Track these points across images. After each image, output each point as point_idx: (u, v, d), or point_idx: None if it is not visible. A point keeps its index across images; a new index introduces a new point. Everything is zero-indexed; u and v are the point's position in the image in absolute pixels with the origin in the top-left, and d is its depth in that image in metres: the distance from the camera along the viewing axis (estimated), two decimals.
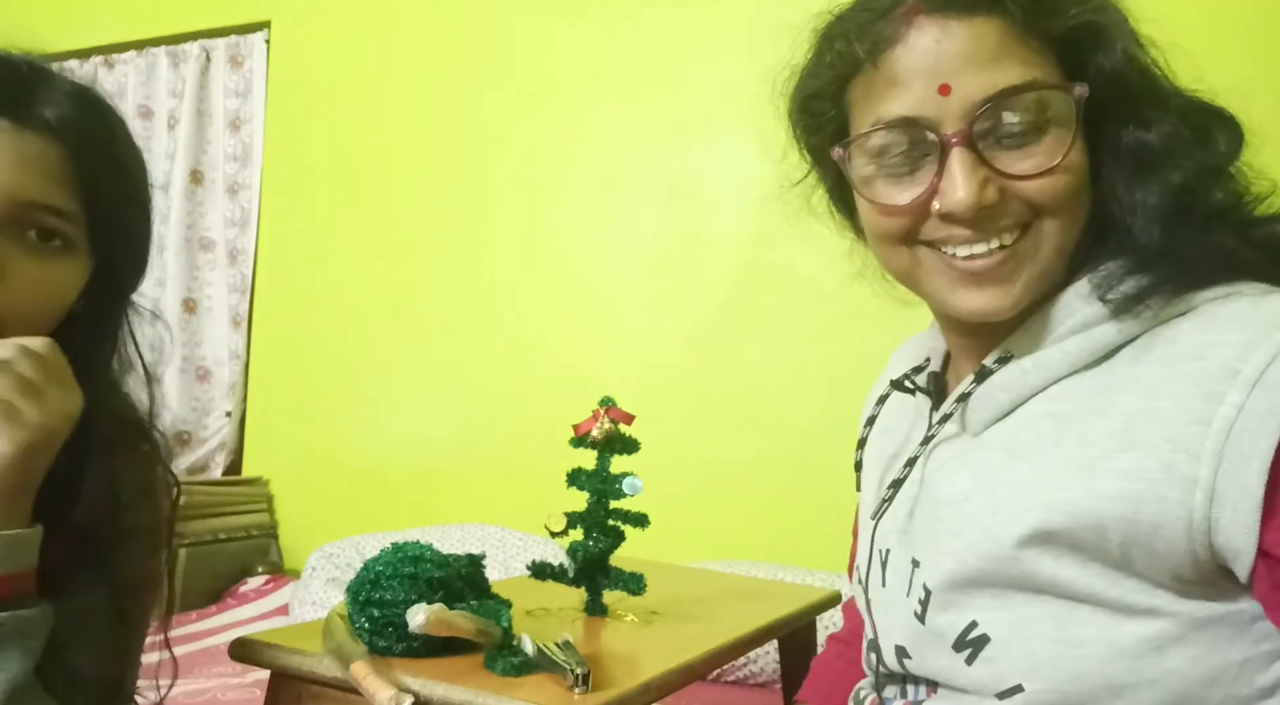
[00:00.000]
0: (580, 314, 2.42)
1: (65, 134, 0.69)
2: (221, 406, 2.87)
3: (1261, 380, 0.52)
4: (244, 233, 2.89)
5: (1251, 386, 0.52)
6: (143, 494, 0.78)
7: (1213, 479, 0.52)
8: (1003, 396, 0.63)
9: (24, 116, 0.68)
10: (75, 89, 0.72)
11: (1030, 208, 0.60)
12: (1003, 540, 0.59)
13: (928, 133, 0.60)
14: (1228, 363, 0.53)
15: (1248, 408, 0.52)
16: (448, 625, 0.74)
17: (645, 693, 0.76)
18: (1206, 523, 0.53)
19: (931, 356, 0.78)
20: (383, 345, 2.64)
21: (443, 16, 2.64)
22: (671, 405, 2.22)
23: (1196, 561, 0.54)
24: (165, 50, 3.00)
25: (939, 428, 0.68)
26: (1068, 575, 0.57)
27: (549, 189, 2.49)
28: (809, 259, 2.09)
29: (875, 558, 0.74)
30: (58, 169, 0.69)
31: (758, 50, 2.61)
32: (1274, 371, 0.52)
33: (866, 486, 0.82)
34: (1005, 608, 0.60)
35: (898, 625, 0.70)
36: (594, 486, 1.00)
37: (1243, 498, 0.51)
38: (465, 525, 2.34)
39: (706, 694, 1.76)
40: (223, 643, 1.96)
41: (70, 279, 0.71)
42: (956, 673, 0.63)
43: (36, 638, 0.63)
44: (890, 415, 0.81)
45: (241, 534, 2.59)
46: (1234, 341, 0.54)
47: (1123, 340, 0.59)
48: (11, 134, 0.67)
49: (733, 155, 2.30)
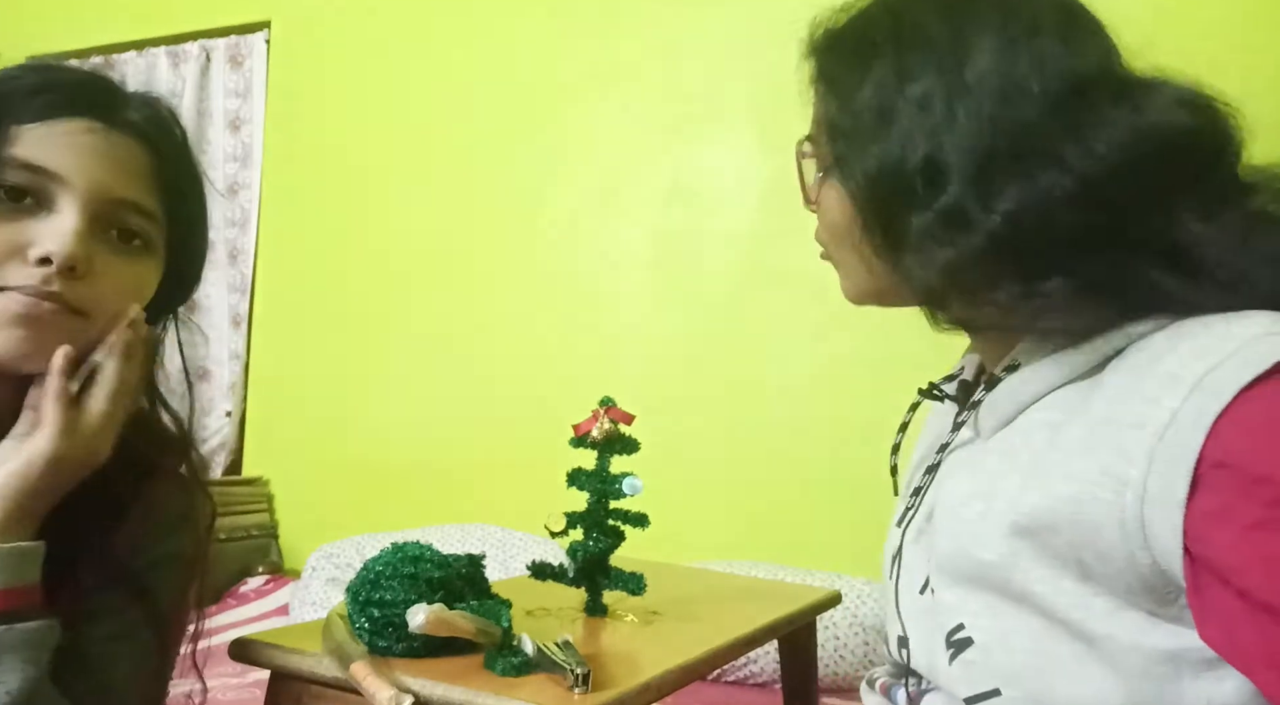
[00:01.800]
0: (580, 314, 2.42)
1: (150, 137, 0.72)
2: (221, 406, 2.87)
3: (1199, 385, 0.52)
4: (244, 233, 2.89)
5: (1189, 392, 0.52)
6: (182, 519, 0.77)
7: (1144, 480, 0.53)
8: (1006, 405, 0.65)
9: (113, 119, 0.70)
10: (152, 97, 0.76)
11: None
12: (988, 545, 0.61)
13: None
14: (1172, 369, 0.54)
15: (1182, 411, 0.52)
16: (448, 625, 0.74)
17: (645, 693, 0.76)
18: (1140, 523, 0.53)
19: (967, 365, 0.80)
20: (383, 345, 2.64)
21: (443, 16, 2.64)
22: (671, 405, 2.22)
23: (1138, 566, 0.54)
24: (165, 50, 3.00)
25: (954, 435, 0.71)
26: (1040, 589, 0.58)
27: (549, 189, 2.49)
28: (809, 259, 2.08)
29: (897, 558, 0.76)
30: (143, 170, 0.71)
31: (757, 50, 2.62)
32: (1211, 378, 0.52)
33: (901, 492, 0.83)
34: (992, 615, 0.61)
35: (903, 617, 0.72)
36: (594, 486, 0.99)
37: (1170, 497, 0.52)
38: (465, 525, 2.34)
39: (706, 694, 1.76)
40: (223, 643, 1.96)
41: (149, 279, 0.73)
42: (939, 670, 0.65)
43: (40, 650, 0.62)
44: (932, 420, 0.84)
45: (241, 534, 2.59)
46: (1184, 350, 0.55)
47: (1111, 351, 0.60)
48: (102, 134, 0.68)
49: (733, 155, 2.30)
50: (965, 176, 0.60)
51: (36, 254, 0.64)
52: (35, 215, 0.66)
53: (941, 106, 0.61)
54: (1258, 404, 0.51)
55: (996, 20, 0.62)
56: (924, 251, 0.62)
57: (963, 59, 0.61)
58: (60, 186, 0.66)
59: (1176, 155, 0.59)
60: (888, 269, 0.67)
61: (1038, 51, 0.61)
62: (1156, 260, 0.58)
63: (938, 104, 0.61)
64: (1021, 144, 0.59)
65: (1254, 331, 0.54)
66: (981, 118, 0.60)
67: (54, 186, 0.66)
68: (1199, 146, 0.60)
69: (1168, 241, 0.58)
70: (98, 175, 0.67)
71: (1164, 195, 0.58)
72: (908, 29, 0.64)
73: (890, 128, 0.62)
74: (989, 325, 0.68)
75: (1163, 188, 0.58)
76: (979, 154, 0.59)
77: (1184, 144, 0.59)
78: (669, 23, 2.38)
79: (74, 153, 0.67)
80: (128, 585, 0.71)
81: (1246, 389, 0.51)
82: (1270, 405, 0.51)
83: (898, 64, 0.63)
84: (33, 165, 0.65)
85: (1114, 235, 0.58)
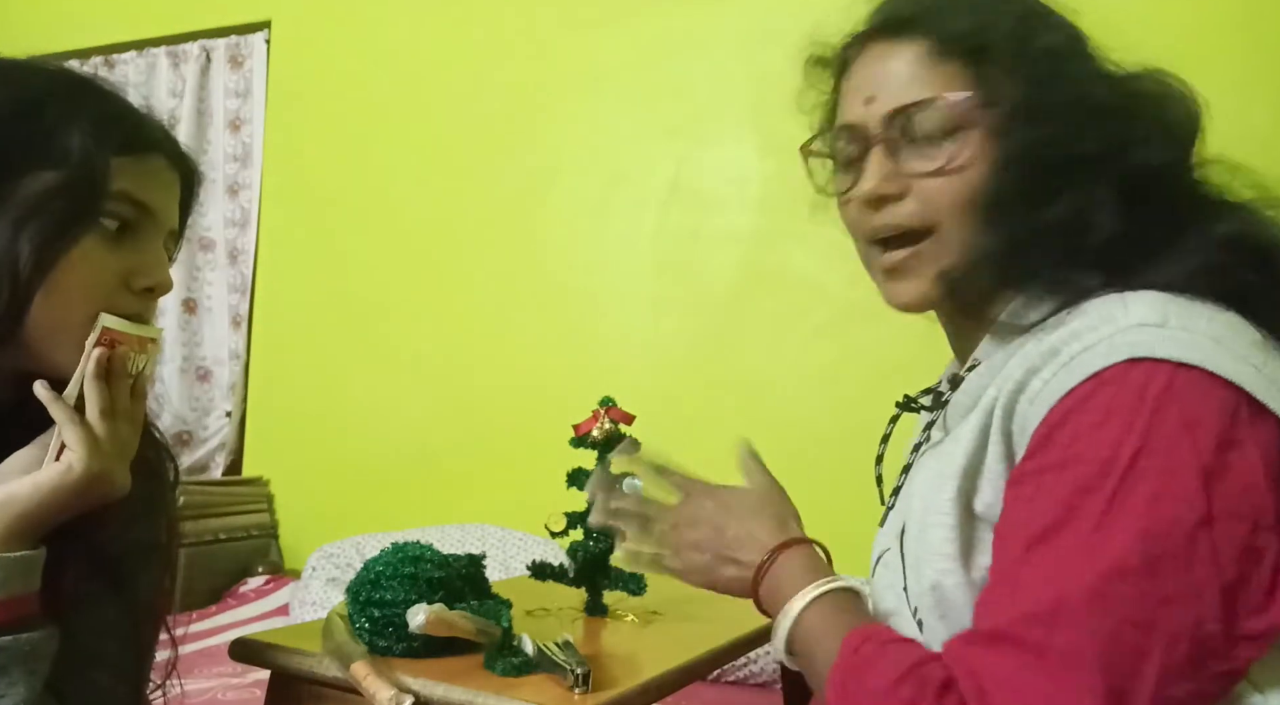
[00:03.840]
0: (580, 314, 2.42)
1: (184, 170, 0.75)
2: (221, 406, 2.87)
3: (1070, 364, 0.56)
4: (244, 233, 2.89)
5: (1061, 367, 0.57)
6: (153, 505, 0.77)
7: (1012, 441, 0.59)
8: (965, 400, 0.67)
9: (175, 156, 0.73)
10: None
11: (932, 207, 0.67)
12: (931, 517, 0.63)
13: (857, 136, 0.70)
14: (1054, 343, 0.58)
15: (1051, 382, 0.57)
16: (448, 625, 0.74)
17: (645, 693, 0.76)
18: (1006, 450, 0.60)
19: (945, 378, 0.82)
20: (383, 345, 2.64)
21: (442, 16, 2.64)
22: (671, 405, 2.22)
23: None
24: (165, 50, 3.00)
25: (925, 434, 0.74)
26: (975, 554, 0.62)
27: (549, 189, 2.49)
28: (809, 259, 2.09)
29: (880, 559, 0.77)
30: (178, 198, 0.75)
31: (757, 50, 2.62)
32: (1083, 358, 0.56)
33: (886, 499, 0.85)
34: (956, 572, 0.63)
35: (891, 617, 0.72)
36: None
37: (1021, 452, 0.58)
38: (465, 525, 2.34)
39: (706, 694, 1.76)
40: (223, 643, 1.96)
41: None
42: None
43: (42, 661, 0.63)
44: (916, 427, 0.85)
45: (241, 534, 2.59)
46: (1072, 326, 0.58)
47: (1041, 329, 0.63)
48: (169, 172, 0.72)
49: (732, 155, 2.30)
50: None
51: (144, 283, 0.68)
52: (131, 248, 0.69)
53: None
54: (1083, 387, 0.55)
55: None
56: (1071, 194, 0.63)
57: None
58: (151, 222, 0.70)
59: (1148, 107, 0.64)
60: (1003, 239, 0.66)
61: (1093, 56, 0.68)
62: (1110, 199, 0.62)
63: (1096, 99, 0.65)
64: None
65: (1130, 320, 0.56)
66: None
67: (147, 222, 0.70)
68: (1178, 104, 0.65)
69: (1123, 179, 0.62)
70: (169, 211, 0.72)
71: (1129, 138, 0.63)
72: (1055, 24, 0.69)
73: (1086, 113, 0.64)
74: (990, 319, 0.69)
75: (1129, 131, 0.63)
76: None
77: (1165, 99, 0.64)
78: (670, 23, 2.38)
79: (160, 190, 0.71)
80: (106, 573, 0.72)
81: (1095, 373, 0.55)
82: (1088, 388, 0.55)
83: (1081, 56, 0.68)
84: (139, 201, 0.68)
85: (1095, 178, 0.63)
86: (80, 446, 0.64)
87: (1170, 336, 0.54)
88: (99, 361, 0.65)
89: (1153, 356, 0.54)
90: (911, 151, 0.67)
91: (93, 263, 0.66)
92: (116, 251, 0.67)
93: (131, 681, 0.75)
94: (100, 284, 0.66)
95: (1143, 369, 0.54)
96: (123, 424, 0.67)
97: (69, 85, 0.69)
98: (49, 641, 0.63)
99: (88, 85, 0.71)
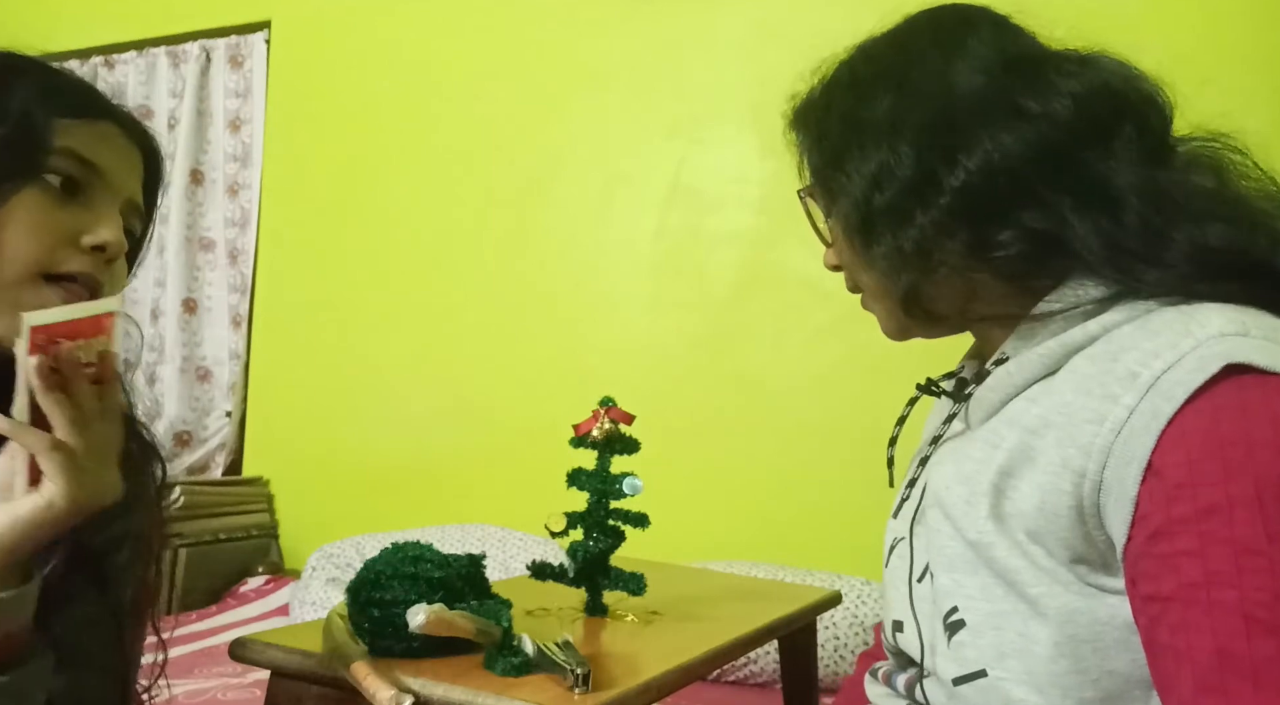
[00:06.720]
0: (580, 314, 2.42)
1: (144, 145, 0.75)
2: (221, 406, 2.87)
3: (1155, 386, 0.55)
4: (244, 233, 2.89)
5: (1145, 390, 0.55)
6: (135, 498, 0.76)
7: (1100, 473, 0.57)
8: (992, 396, 0.68)
9: (129, 126, 0.73)
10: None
11: (849, 269, 0.78)
12: (973, 526, 0.64)
13: None
14: (1131, 367, 0.57)
15: (1139, 410, 0.55)
16: (448, 625, 0.74)
17: (645, 693, 0.76)
18: (1096, 509, 0.58)
19: (967, 366, 0.83)
20: (383, 345, 2.64)
21: (442, 16, 2.64)
22: (671, 405, 2.22)
23: (1095, 543, 0.59)
24: (165, 50, 3.00)
25: (946, 427, 0.75)
26: (1016, 564, 0.61)
27: (549, 189, 2.49)
28: (809, 259, 2.09)
29: (894, 548, 0.78)
30: (139, 174, 0.75)
31: (757, 51, 2.62)
32: (1167, 378, 0.55)
33: (899, 485, 0.86)
34: (985, 597, 0.63)
35: (901, 605, 0.74)
36: (594, 486, 0.99)
37: (1123, 493, 0.56)
38: (465, 525, 2.34)
39: (706, 694, 1.76)
40: (223, 643, 1.96)
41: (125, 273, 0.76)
42: (938, 655, 0.67)
43: (41, 690, 0.62)
44: (931, 417, 0.86)
45: (241, 534, 2.59)
46: (1145, 347, 0.57)
47: (1086, 341, 0.63)
48: (124, 139, 0.72)
49: (732, 155, 2.30)
50: (923, 147, 0.65)
51: (91, 241, 0.67)
52: (81, 206, 0.68)
53: (896, 109, 0.67)
54: (1198, 418, 0.54)
55: (930, 38, 0.70)
56: (899, 230, 0.66)
57: (908, 72, 0.68)
58: (102, 183, 0.69)
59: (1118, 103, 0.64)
60: (889, 275, 0.70)
61: (972, 47, 0.68)
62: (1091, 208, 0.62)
63: (893, 111, 0.67)
64: (974, 115, 0.65)
65: (1210, 332, 0.55)
66: (933, 104, 0.66)
67: (98, 182, 0.69)
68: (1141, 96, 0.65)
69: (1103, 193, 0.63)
70: (125, 177, 0.72)
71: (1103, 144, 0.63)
72: (860, 62, 0.73)
73: (863, 144, 0.68)
74: (982, 317, 0.71)
75: (1102, 136, 0.63)
76: (935, 130, 0.65)
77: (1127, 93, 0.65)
78: (670, 23, 2.38)
79: (113, 153, 0.71)
80: (87, 568, 0.71)
81: (1195, 395, 0.54)
82: (1207, 419, 0.53)
83: (856, 93, 0.71)
84: (86, 159, 0.68)
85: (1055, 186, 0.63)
86: (59, 477, 0.56)
87: (1259, 347, 0.54)
88: (41, 371, 0.55)
89: (1249, 363, 0.53)
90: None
91: (34, 217, 0.65)
92: (65, 208, 0.66)
93: (117, 677, 0.74)
94: (42, 240, 0.65)
95: (1245, 384, 0.53)
96: (98, 426, 0.59)
97: (15, 59, 0.70)
98: (44, 670, 0.62)
99: (34, 61, 0.71)
